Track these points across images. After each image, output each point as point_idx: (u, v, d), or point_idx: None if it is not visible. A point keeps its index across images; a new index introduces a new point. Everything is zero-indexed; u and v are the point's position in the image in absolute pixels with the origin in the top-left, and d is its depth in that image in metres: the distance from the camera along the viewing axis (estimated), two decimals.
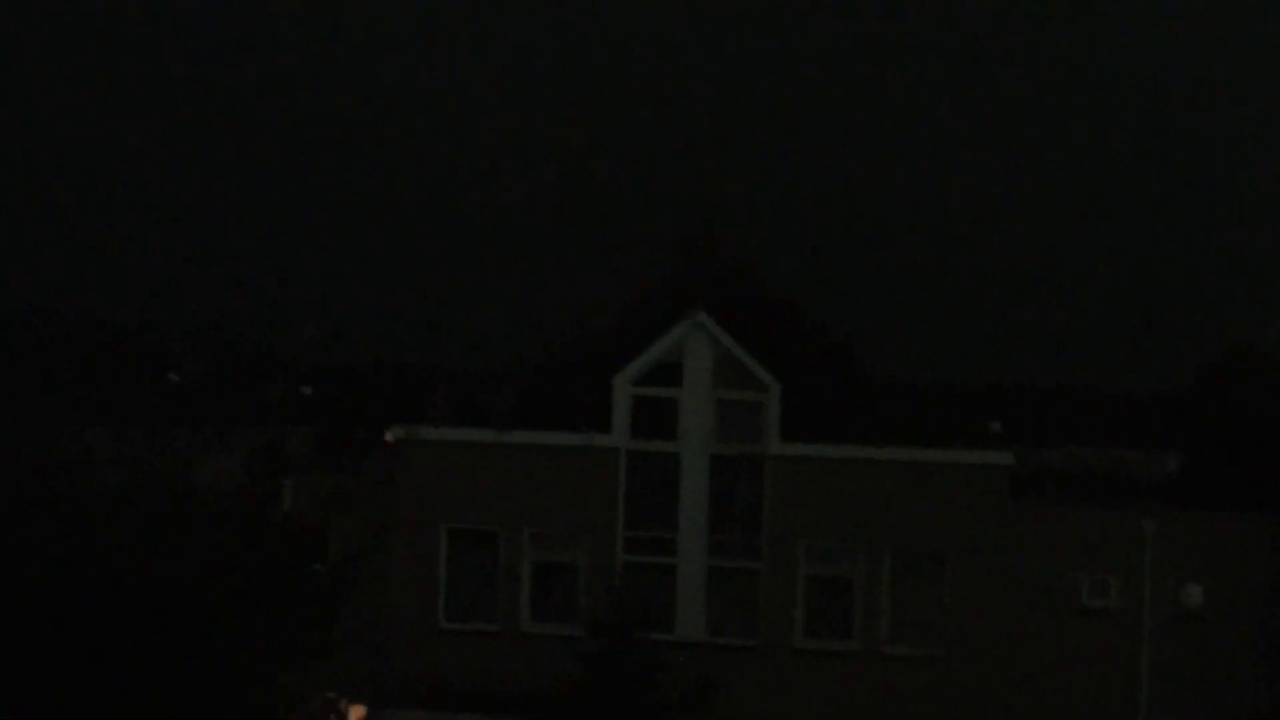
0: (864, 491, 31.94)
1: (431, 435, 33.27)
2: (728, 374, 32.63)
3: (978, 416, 34.65)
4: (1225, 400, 35.03)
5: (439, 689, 31.58)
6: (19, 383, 25.14)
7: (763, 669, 31.56)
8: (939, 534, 31.66)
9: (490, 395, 35.45)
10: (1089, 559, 31.71)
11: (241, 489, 23.01)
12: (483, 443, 32.92)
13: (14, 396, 22.97)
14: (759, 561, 32.15)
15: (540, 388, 34.65)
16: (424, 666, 31.86)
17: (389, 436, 33.19)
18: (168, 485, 21.78)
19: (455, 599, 32.72)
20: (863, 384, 34.38)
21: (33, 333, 34.65)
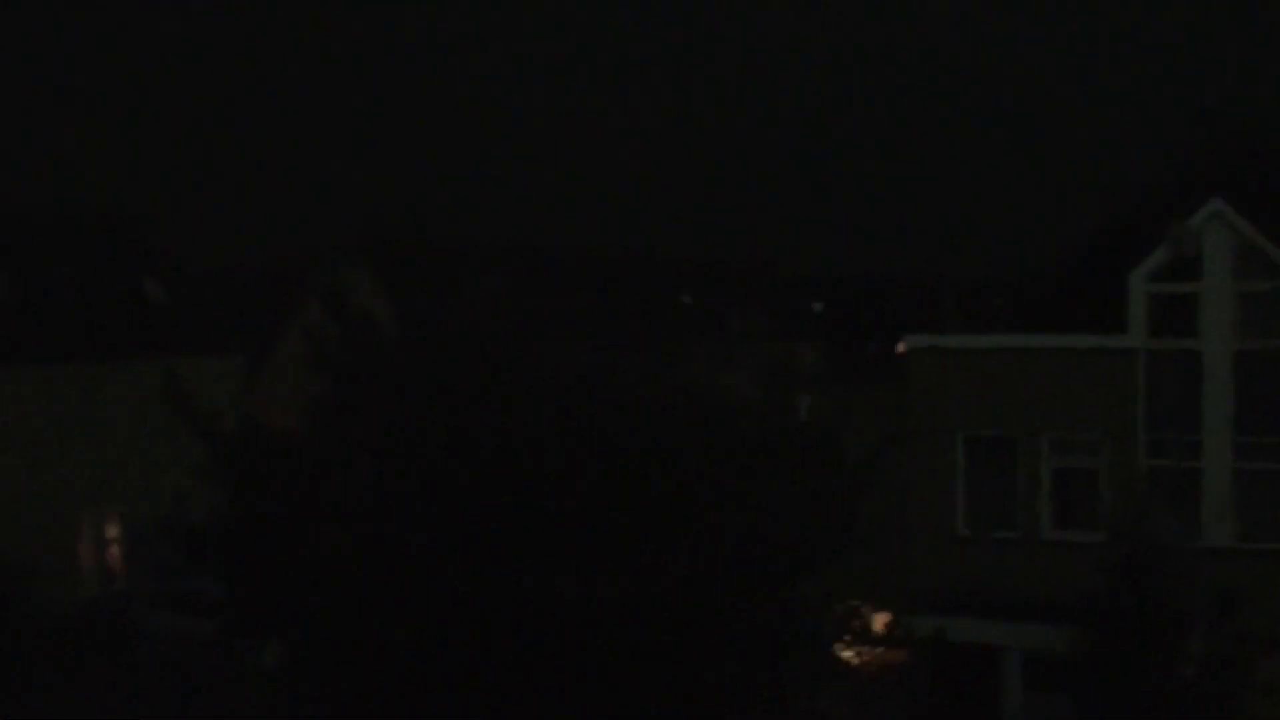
0: None
1: (944, 344, 33.15)
2: (1250, 264, 31.04)
3: None
4: None
5: (960, 596, 31.64)
6: (551, 312, 26.37)
7: None
8: None
9: (1000, 301, 35.06)
10: None
11: (758, 403, 23.59)
12: (996, 349, 32.54)
13: (550, 325, 24.11)
14: None
15: (1053, 289, 33.85)
16: (944, 574, 31.96)
17: (901, 347, 33.24)
18: (693, 400, 22.49)
19: (973, 507, 32.59)
20: None
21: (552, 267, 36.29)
